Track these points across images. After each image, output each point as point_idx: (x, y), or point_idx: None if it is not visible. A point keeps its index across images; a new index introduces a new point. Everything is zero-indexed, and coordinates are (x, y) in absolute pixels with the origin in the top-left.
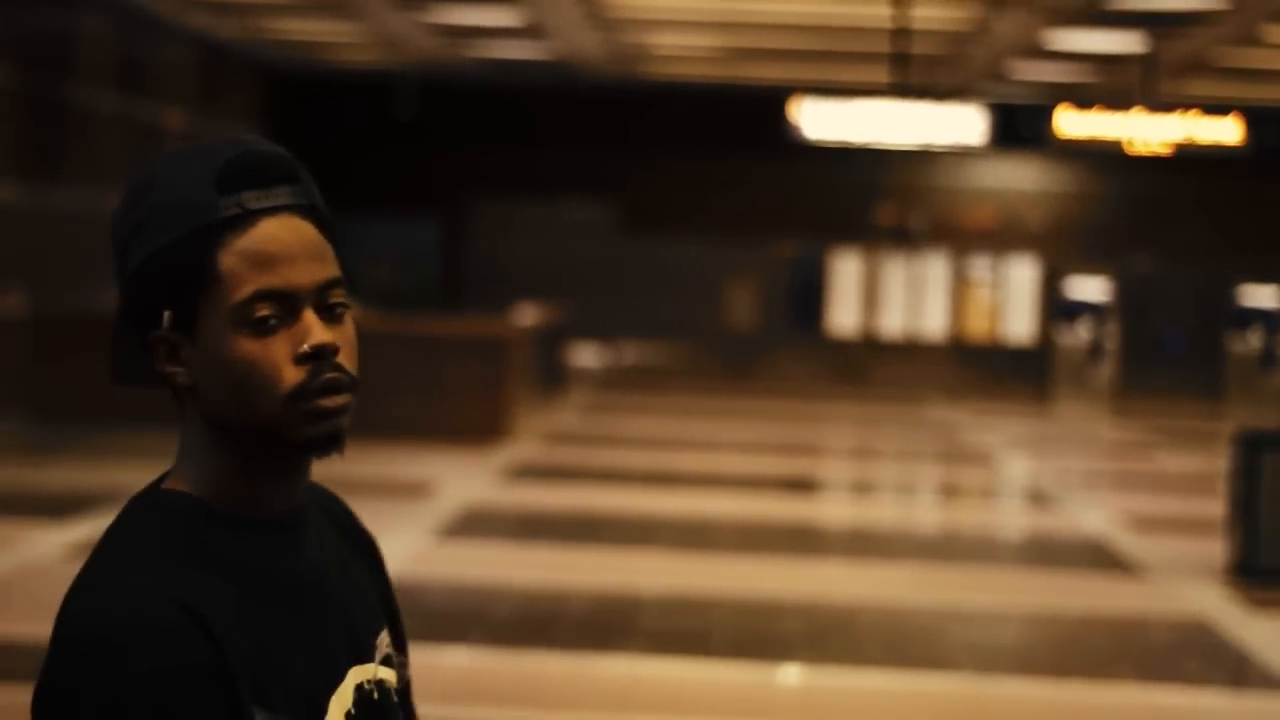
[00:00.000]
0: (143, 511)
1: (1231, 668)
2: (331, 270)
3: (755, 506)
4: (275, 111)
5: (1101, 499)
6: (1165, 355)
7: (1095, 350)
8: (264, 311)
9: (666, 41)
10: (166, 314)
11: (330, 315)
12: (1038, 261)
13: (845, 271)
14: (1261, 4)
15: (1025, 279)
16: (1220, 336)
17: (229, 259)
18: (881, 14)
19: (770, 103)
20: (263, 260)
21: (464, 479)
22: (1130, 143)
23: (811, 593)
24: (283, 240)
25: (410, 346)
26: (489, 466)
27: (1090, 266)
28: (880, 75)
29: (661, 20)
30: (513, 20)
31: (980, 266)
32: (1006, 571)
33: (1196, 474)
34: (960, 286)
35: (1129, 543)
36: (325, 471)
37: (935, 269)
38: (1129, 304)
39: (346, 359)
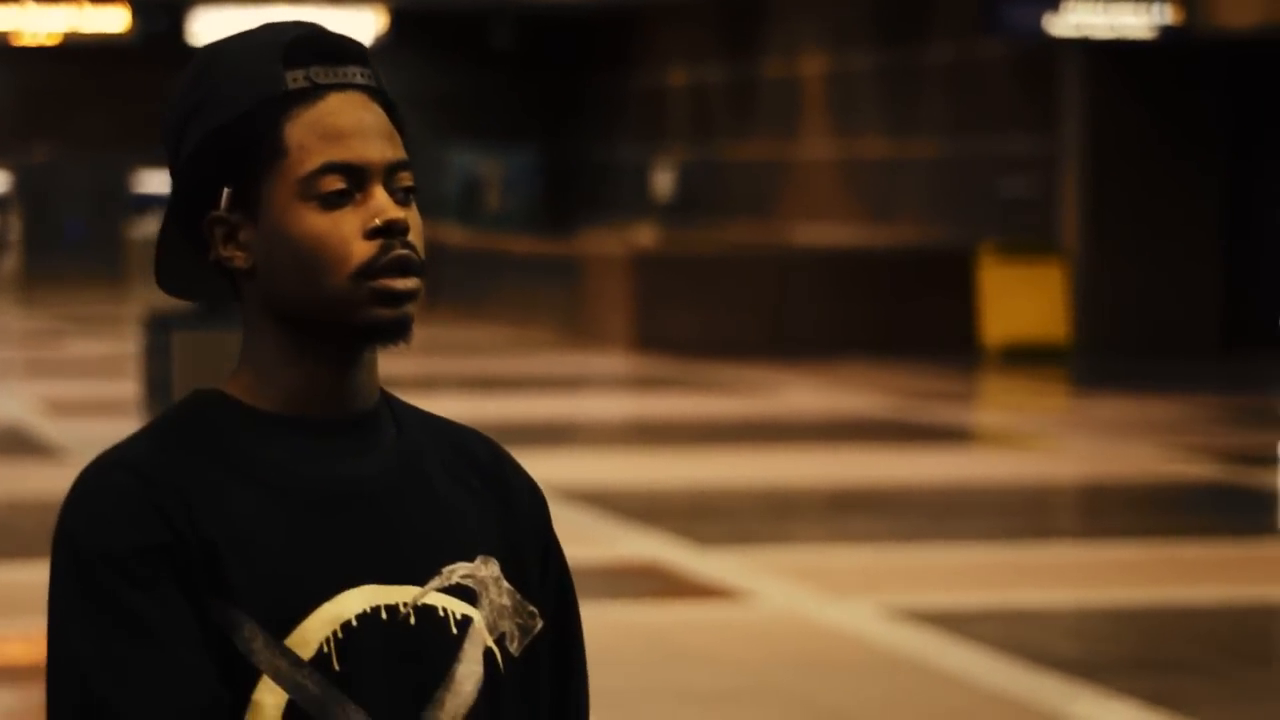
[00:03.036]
0: (175, 405)
1: None
2: (401, 152)
3: None
4: None
5: (14, 388)
6: (67, 244)
7: None
8: (334, 184)
9: None
10: (226, 192)
11: (399, 197)
12: None
13: None
14: None
15: None
16: (119, 223)
17: (297, 131)
18: None
19: None
20: (332, 133)
21: None
22: (17, 34)
23: None
24: (353, 116)
25: None
26: None
27: None
28: None
29: None
30: None
31: None
32: None
33: (106, 357)
34: None
35: (47, 428)
36: None
37: None
38: (28, 194)
39: (416, 242)
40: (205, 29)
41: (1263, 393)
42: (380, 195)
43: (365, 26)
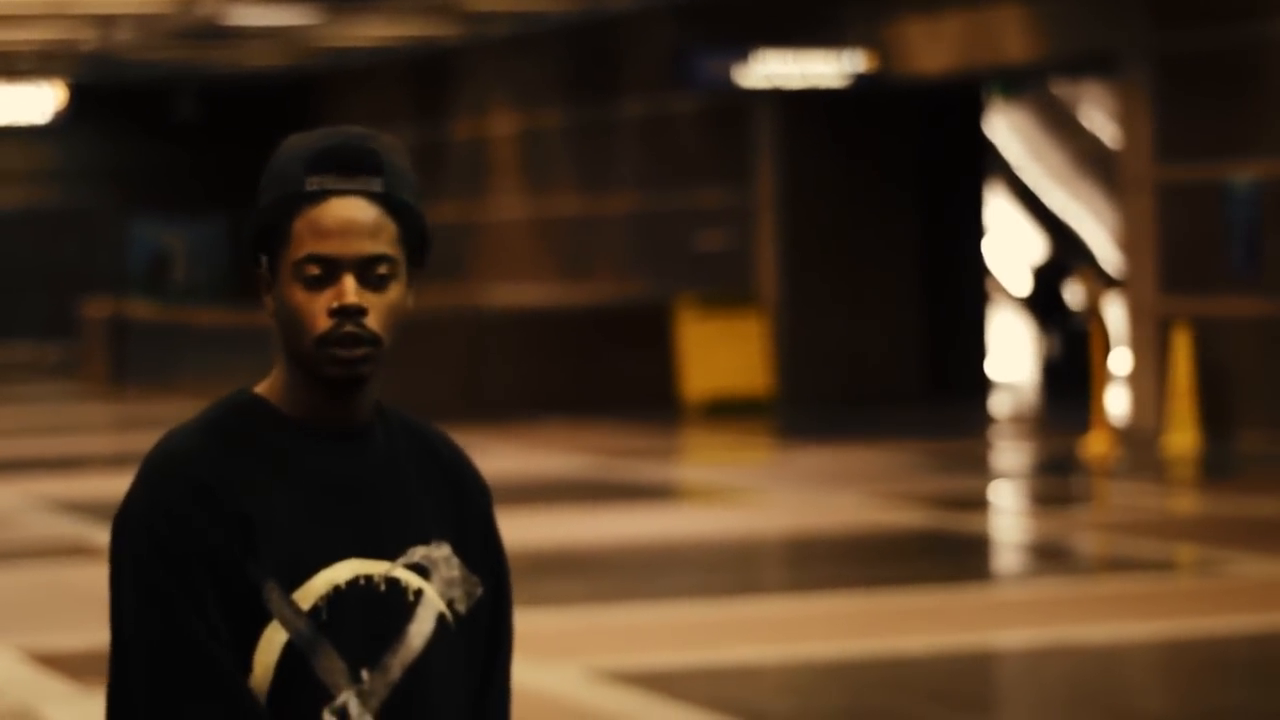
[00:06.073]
0: (222, 402)
1: None
2: (379, 248)
3: None
4: None
5: None
6: None
7: None
8: (312, 270)
9: None
10: (263, 258)
11: (372, 283)
12: None
13: None
14: None
15: None
16: None
17: (300, 224)
18: None
19: None
20: (320, 230)
21: None
22: None
23: None
24: (342, 217)
25: None
26: None
27: None
28: None
29: None
30: None
31: None
32: None
33: None
34: None
35: None
36: None
37: None
38: None
39: (375, 320)
40: None
41: (968, 437)
42: (347, 283)
43: (43, 102)
